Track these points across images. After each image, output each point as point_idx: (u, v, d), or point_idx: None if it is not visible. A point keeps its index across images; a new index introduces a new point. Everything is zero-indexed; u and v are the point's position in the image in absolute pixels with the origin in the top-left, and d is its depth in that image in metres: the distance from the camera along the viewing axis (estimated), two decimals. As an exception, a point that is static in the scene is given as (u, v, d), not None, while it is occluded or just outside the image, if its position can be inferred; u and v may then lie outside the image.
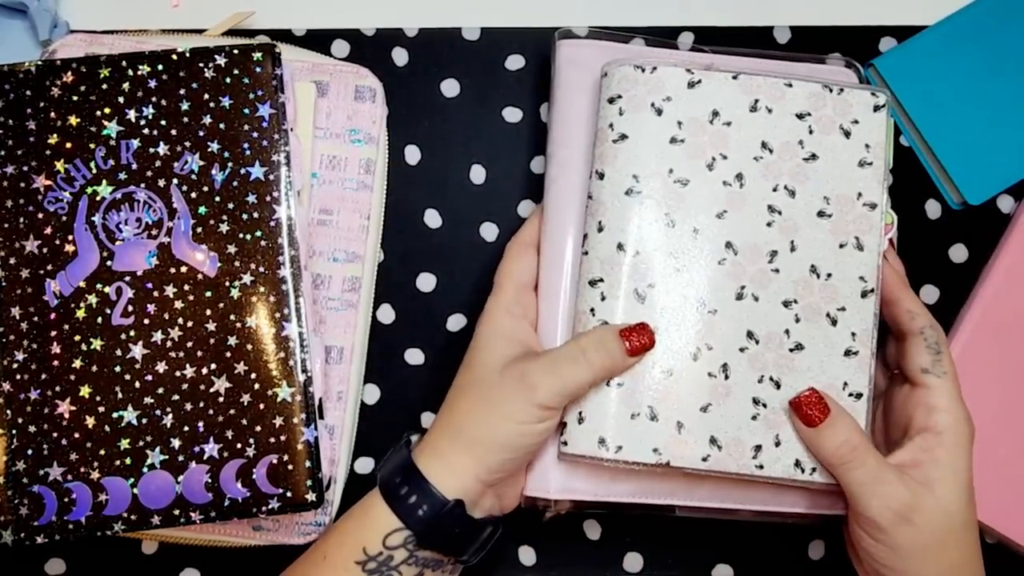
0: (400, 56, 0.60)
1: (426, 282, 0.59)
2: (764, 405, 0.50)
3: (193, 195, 0.51)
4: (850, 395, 0.50)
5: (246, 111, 0.52)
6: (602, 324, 0.50)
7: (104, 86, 0.52)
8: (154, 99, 0.52)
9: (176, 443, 0.50)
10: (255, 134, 0.52)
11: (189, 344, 0.50)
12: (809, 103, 0.51)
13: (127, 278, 0.50)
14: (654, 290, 0.50)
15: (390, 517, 0.47)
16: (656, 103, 0.51)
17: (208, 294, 0.51)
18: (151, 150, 0.51)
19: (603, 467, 0.51)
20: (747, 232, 0.50)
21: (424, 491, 0.47)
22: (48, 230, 0.51)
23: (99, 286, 0.50)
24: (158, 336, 0.50)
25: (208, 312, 0.50)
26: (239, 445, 0.50)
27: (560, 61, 0.55)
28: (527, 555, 0.57)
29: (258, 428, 0.50)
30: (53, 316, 0.50)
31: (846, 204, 0.51)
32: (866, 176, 0.51)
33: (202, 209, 0.51)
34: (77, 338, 0.50)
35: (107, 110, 0.51)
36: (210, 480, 0.49)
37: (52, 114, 0.51)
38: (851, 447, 0.47)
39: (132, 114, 0.51)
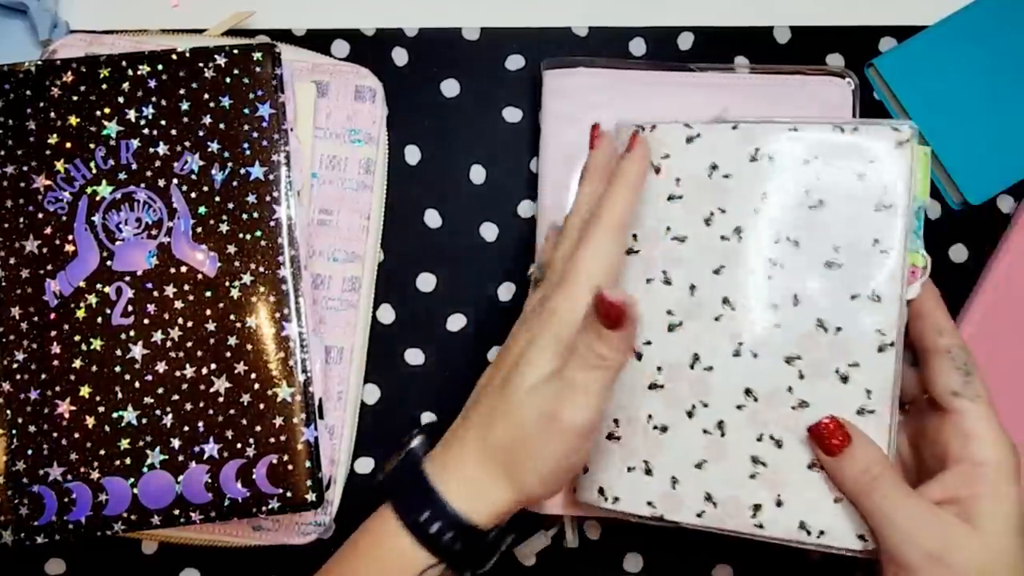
0: (400, 56, 0.60)
1: (426, 282, 0.59)
2: (764, 464, 0.47)
3: (193, 195, 0.51)
4: None
5: (246, 111, 0.52)
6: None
7: (104, 86, 0.51)
8: (154, 99, 0.52)
9: (176, 443, 0.50)
10: (255, 134, 0.52)
11: (189, 344, 0.50)
12: (816, 147, 0.47)
13: (127, 278, 0.50)
14: (650, 347, 0.49)
15: (421, 553, 0.44)
16: (655, 161, 0.50)
17: (208, 294, 0.50)
18: (151, 150, 0.51)
19: None
20: (745, 287, 0.48)
21: (461, 529, 0.43)
22: (48, 230, 0.51)
23: (99, 286, 0.50)
24: (158, 336, 0.50)
25: (208, 312, 0.50)
26: (239, 445, 0.50)
27: (545, 92, 0.56)
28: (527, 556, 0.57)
29: (258, 428, 0.50)
30: (53, 316, 0.50)
31: (859, 252, 0.47)
32: (883, 220, 0.46)
33: (202, 209, 0.51)
34: (77, 338, 0.50)
35: (107, 110, 0.51)
36: (210, 480, 0.49)
37: (52, 114, 0.51)
38: (872, 476, 0.44)
39: (132, 114, 0.51)
